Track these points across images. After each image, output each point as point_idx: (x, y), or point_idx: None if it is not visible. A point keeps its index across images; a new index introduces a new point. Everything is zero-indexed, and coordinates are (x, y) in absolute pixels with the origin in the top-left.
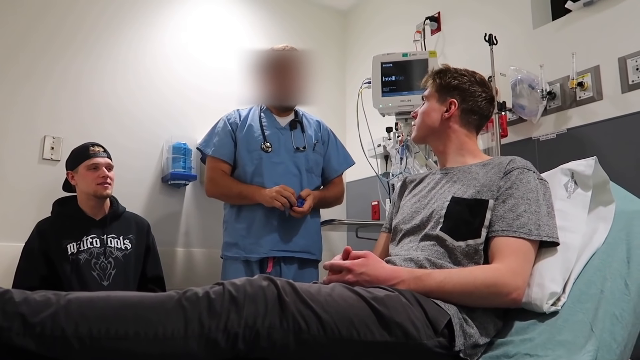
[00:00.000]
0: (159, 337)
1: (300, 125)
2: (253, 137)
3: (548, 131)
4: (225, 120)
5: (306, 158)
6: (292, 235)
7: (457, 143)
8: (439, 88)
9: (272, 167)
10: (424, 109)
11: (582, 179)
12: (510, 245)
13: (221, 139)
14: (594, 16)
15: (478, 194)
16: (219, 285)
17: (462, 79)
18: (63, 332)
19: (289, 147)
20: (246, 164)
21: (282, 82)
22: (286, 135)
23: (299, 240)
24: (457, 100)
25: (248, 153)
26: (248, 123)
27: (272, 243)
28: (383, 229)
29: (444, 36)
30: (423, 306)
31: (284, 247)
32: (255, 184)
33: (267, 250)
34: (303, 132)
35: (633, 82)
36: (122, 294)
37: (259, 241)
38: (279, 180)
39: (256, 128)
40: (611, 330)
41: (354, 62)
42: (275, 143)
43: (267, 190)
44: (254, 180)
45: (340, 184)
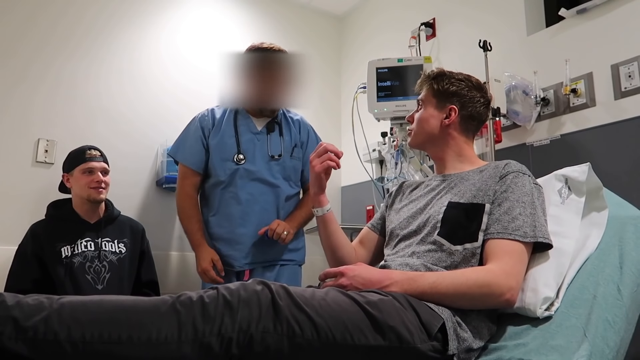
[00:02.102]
0: (152, 341)
1: (279, 127)
2: (226, 145)
3: (542, 137)
4: (197, 124)
5: (282, 166)
6: (272, 245)
7: (456, 150)
8: (437, 93)
9: (246, 176)
10: (422, 115)
11: (575, 185)
12: (505, 247)
13: (192, 145)
14: (587, 23)
15: (474, 199)
16: (213, 290)
17: (461, 84)
18: (56, 336)
19: (265, 154)
20: (219, 174)
21: (265, 83)
22: (262, 140)
23: (280, 249)
24: (457, 106)
25: (221, 162)
26: (222, 128)
27: (252, 254)
28: (368, 225)
29: (439, 42)
30: (416, 310)
31: (263, 257)
32: (228, 195)
33: (243, 264)
34: (281, 136)
35: (625, 89)
36: (115, 298)
37: (235, 253)
38: (253, 191)
39: (230, 135)
40: (604, 336)
41: (349, 67)
42: (250, 150)
43: (202, 259)
44: (227, 190)
45: None
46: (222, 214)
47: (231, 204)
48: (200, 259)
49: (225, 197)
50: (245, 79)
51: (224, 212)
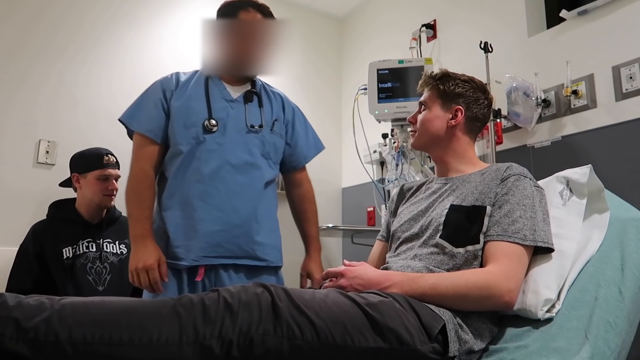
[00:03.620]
0: (153, 343)
1: (258, 98)
2: (193, 109)
3: (543, 138)
4: (158, 86)
5: (261, 140)
6: (240, 236)
7: (459, 152)
8: (442, 94)
9: (214, 149)
10: (426, 116)
11: (577, 187)
12: (505, 249)
13: (149, 109)
14: (588, 25)
15: (476, 201)
16: (213, 292)
17: (466, 85)
18: (57, 337)
19: (240, 124)
20: (180, 142)
21: (244, 46)
22: (238, 109)
23: (249, 241)
24: (463, 107)
25: (184, 129)
26: (189, 91)
27: (212, 247)
28: (379, 237)
29: (439, 43)
30: (417, 312)
31: (227, 251)
32: (188, 170)
33: (199, 257)
34: (261, 107)
35: (627, 91)
36: (116, 299)
37: (190, 243)
38: (221, 168)
39: (199, 98)
40: (605, 338)
41: (350, 69)
42: (222, 120)
43: (147, 254)
44: (188, 165)
45: (306, 182)
46: (179, 194)
47: (191, 183)
48: (143, 253)
49: (185, 173)
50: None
51: (181, 191)
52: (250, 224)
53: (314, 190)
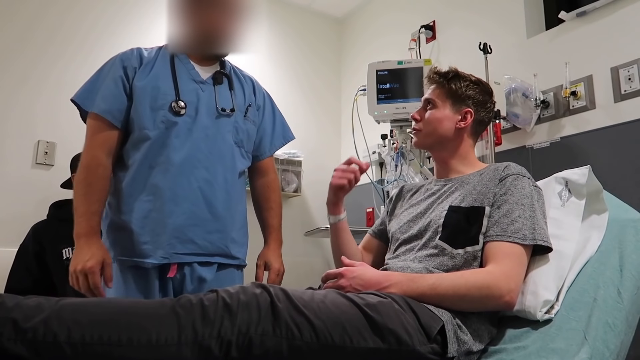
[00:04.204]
0: (152, 343)
1: (229, 80)
2: (160, 90)
3: (542, 139)
4: (117, 62)
5: (235, 126)
6: (214, 231)
7: (462, 153)
8: (452, 94)
9: (184, 134)
10: (434, 115)
11: (576, 188)
12: (504, 249)
13: (108, 88)
14: (587, 26)
15: (475, 202)
16: (212, 293)
17: (476, 88)
18: (55, 337)
19: (211, 108)
20: (146, 126)
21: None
22: (209, 92)
23: (223, 237)
24: (473, 110)
25: (151, 112)
26: (154, 69)
27: (183, 243)
28: (370, 232)
29: (439, 44)
30: (416, 312)
31: (200, 248)
32: (156, 158)
33: (169, 254)
34: (231, 90)
35: (625, 92)
36: (115, 299)
37: (158, 239)
38: (194, 155)
39: (165, 78)
40: (604, 339)
41: (349, 70)
42: (193, 102)
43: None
44: (159, 154)
45: (272, 171)
46: (145, 185)
47: (159, 172)
48: (86, 253)
49: (152, 161)
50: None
51: (147, 181)
52: (225, 218)
53: (313, 191)
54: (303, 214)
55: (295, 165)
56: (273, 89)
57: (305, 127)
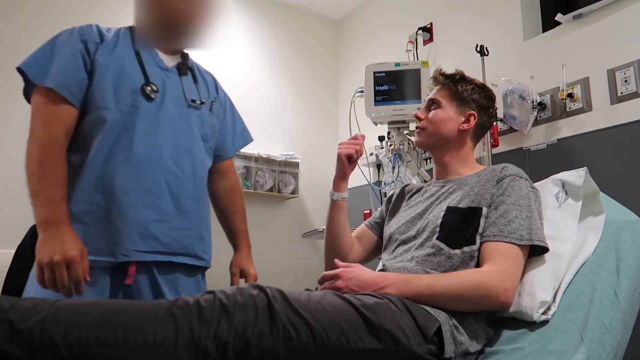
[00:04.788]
0: (149, 344)
1: (192, 73)
2: (126, 71)
3: (538, 141)
4: (75, 35)
5: (201, 119)
6: (180, 228)
7: (463, 155)
8: (458, 96)
9: (151, 123)
10: (439, 115)
11: (572, 189)
12: (500, 249)
13: (66, 62)
14: (583, 29)
15: (473, 203)
16: (209, 294)
17: (481, 93)
18: (51, 339)
19: (179, 98)
20: (108, 107)
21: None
22: (174, 80)
23: (190, 235)
24: (476, 113)
25: (114, 92)
26: (117, 50)
27: (145, 240)
28: (366, 223)
29: (436, 46)
30: (412, 313)
31: (164, 245)
32: (118, 143)
33: (130, 252)
34: (196, 83)
35: (622, 94)
36: (111, 301)
37: (117, 234)
38: (162, 145)
39: (130, 59)
40: (601, 340)
41: (346, 71)
42: (160, 89)
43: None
44: (120, 140)
45: (233, 173)
46: (102, 172)
47: (120, 160)
48: (60, 243)
49: (112, 146)
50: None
51: (105, 169)
52: (192, 215)
53: (311, 193)
54: (300, 216)
55: (293, 167)
56: (270, 91)
57: (302, 129)
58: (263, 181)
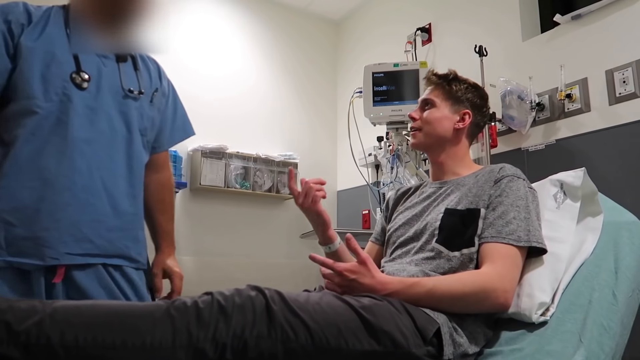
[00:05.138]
0: (146, 346)
1: (133, 59)
2: (56, 56)
3: (537, 142)
4: None
5: (140, 111)
6: (115, 227)
7: (459, 155)
8: (452, 96)
9: (85, 115)
10: (434, 115)
11: (571, 190)
12: (499, 250)
13: None
14: (581, 29)
15: (471, 204)
16: (207, 295)
17: (474, 92)
18: (49, 340)
19: (116, 87)
20: (36, 96)
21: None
22: (111, 67)
23: (127, 236)
24: (471, 112)
25: (42, 80)
26: (46, 32)
27: (78, 240)
28: (372, 239)
29: (434, 47)
30: (412, 314)
31: (98, 247)
32: (51, 141)
33: (61, 254)
34: (137, 71)
35: (620, 95)
36: (109, 302)
37: (47, 234)
38: (95, 138)
39: (61, 43)
40: (599, 341)
41: (345, 72)
42: (94, 78)
43: None
44: (51, 133)
45: (167, 168)
46: (31, 168)
47: (51, 154)
48: None
49: (42, 140)
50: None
51: (34, 164)
52: (128, 215)
53: None
54: (299, 216)
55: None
56: (269, 91)
57: (301, 129)
58: (262, 181)
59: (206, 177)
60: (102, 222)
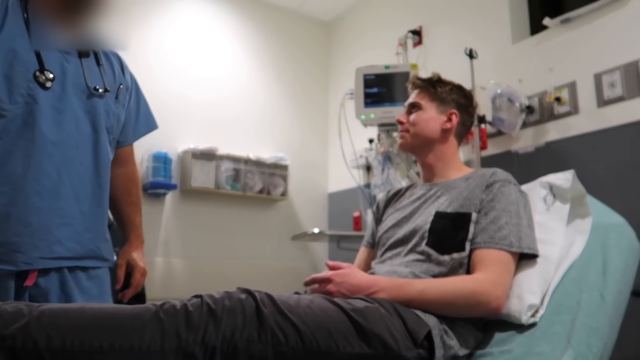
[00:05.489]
0: (134, 350)
1: (95, 54)
2: (18, 54)
3: (527, 144)
4: None
5: (106, 109)
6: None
7: (448, 156)
8: (437, 97)
9: (52, 117)
10: (421, 116)
11: (560, 192)
12: (492, 256)
13: None
14: (570, 33)
15: (461, 208)
16: (197, 298)
17: (459, 92)
18: (35, 344)
19: (79, 85)
20: (1, 98)
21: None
22: (74, 64)
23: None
24: (457, 112)
25: (5, 81)
26: (5, 28)
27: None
28: (364, 243)
29: (425, 49)
30: (402, 317)
31: (70, 250)
32: (18, 144)
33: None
34: (100, 66)
35: (608, 98)
36: (97, 305)
37: (18, 240)
38: (63, 139)
39: (22, 40)
40: (587, 342)
41: (336, 74)
42: (58, 76)
43: None
44: (18, 136)
45: (132, 162)
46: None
47: (18, 157)
48: None
49: (9, 144)
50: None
51: (3, 169)
52: (96, 215)
53: (300, 195)
54: (290, 218)
55: (282, 169)
56: (260, 93)
57: (292, 131)
58: (252, 183)
59: (197, 179)
60: (72, 225)
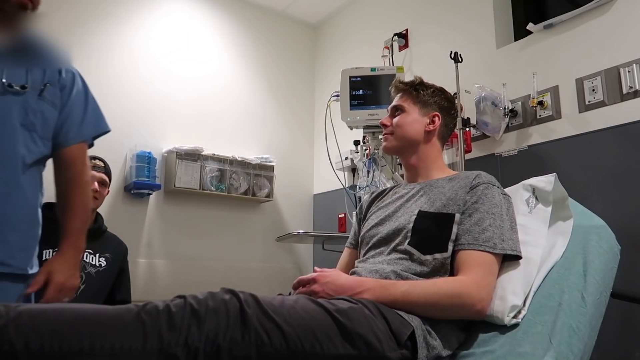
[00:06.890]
0: (115, 351)
1: (19, 50)
2: None
3: (510, 147)
4: None
5: (24, 106)
6: None
7: (431, 157)
8: (420, 100)
9: None
10: (404, 119)
11: (542, 195)
12: (475, 258)
13: None
14: (553, 38)
15: (444, 208)
16: (180, 299)
17: (441, 95)
18: (12, 347)
19: None
20: None
21: None
22: None
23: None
24: (439, 114)
25: None
26: None
27: None
28: (347, 244)
29: (411, 53)
30: (386, 318)
31: None
32: None
33: None
34: (24, 62)
35: (589, 103)
36: (77, 306)
37: None
38: None
39: None
40: (568, 342)
41: (323, 75)
42: None
43: None
44: None
45: (79, 163)
46: None
47: None
48: None
49: None
50: None
51: None
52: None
53: (286, 196)
54: (275, 220)
55: (268, 170)
56: (245, 93)
57: (278, 132)
58: (237, 184)
59: (181, 179)
60: None
